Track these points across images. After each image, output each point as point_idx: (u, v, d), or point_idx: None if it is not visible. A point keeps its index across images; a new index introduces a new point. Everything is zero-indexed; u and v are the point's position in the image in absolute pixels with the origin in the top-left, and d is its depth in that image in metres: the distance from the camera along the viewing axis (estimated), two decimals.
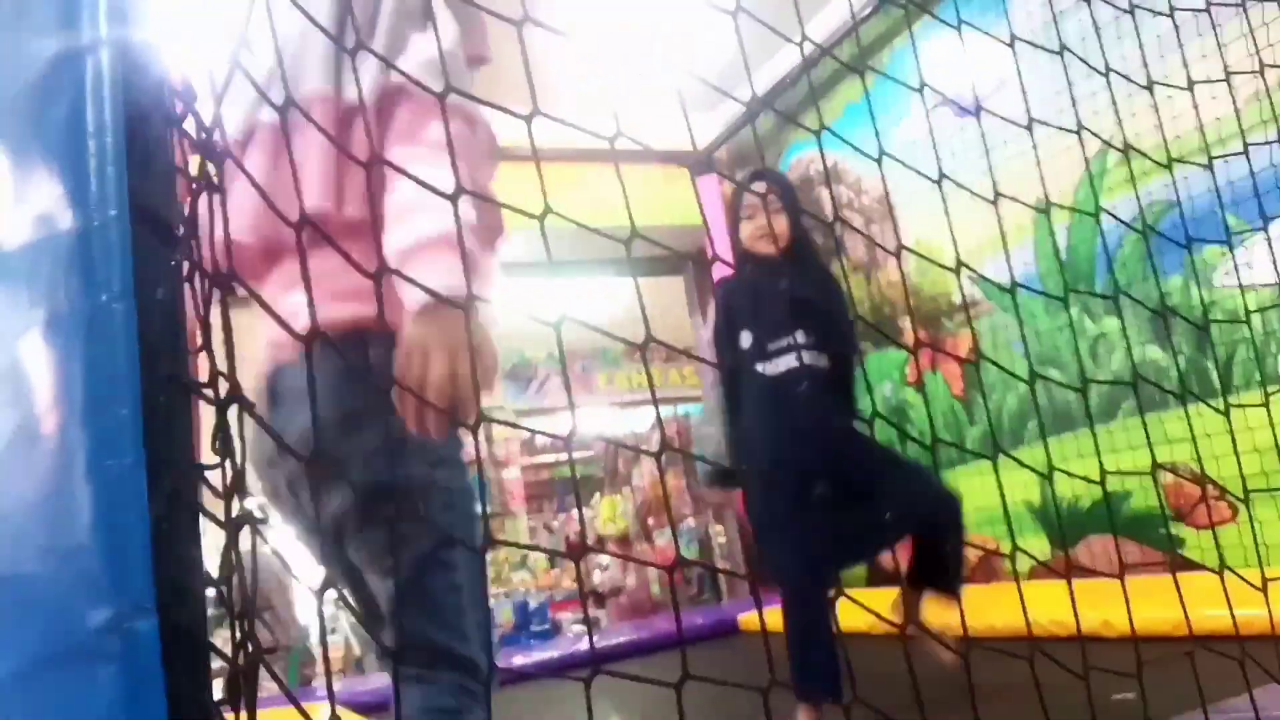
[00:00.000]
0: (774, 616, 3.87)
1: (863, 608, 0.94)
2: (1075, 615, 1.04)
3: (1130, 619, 1.00)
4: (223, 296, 0.70)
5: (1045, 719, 0.93)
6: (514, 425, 1.14)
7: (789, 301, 2.42)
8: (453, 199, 0.78)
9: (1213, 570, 1.00)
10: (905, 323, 4.93)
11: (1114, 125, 1.30)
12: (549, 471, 8.69)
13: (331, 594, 0.76)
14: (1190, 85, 1.18)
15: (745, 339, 2.49)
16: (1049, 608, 2.44)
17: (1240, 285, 3.17)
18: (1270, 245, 1.88)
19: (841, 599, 0.91)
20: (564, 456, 8.51)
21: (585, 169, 4.48)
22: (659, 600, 7.11)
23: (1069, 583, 1.02)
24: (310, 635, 6.82)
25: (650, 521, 7.52)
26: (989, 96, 4.00)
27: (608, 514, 7.59)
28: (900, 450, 2.61)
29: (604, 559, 7.69)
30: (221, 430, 0.71)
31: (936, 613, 2.25)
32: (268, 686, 0.76)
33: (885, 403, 4.95)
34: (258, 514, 0.69)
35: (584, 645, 4.74)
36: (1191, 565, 3.52)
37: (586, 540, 7.68)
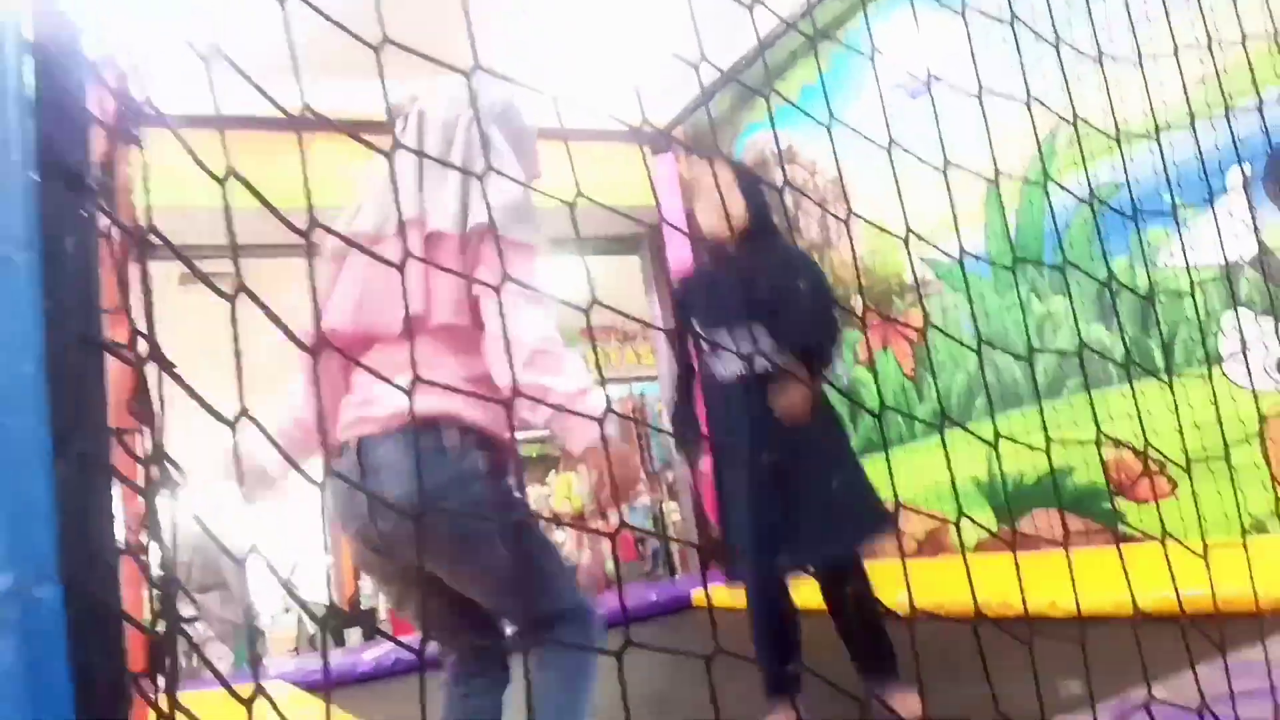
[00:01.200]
0: (721, 594, 3.90)
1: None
2: (1020, 587, 1.05)
3: (1075, 591, 1.00)
4: (141, 254, 0.67)
5: (991, 694, 0.94)
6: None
7: (745, 298, 2.22)
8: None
9: (1154, 538, 1.01)
10: (857, 302, 4.97)
11: (1063, 105, 1.30)
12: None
13: (281, 574, 0.74)
14: (1139, 59, 1.18)
15: (702, 340, 2.32)
16: (995, 583, 2.47)
17: (1186, 262, 3.23)
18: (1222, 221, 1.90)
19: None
20: (520, 435, 8.46)
21: (541, 145, 4.43)
22: (613, 577, 7.13)
23: (1015, 557, 1.03)
24: (262, 613, 6.75)
25: (604, 498, 7.51)
26: (941, 78, 3.99)
27: (563, 491, 7.58)
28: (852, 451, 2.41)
29: (559, 535, 7.68)
30: (140, 393, 0.68)
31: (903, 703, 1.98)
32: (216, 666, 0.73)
33: (838, 381, 4.99)
34: (177, 479, 0.66)
35: None
36: (1133, 539, 3.60)
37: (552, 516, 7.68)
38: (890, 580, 2.26)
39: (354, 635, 6.06)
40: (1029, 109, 1.00)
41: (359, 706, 2.71)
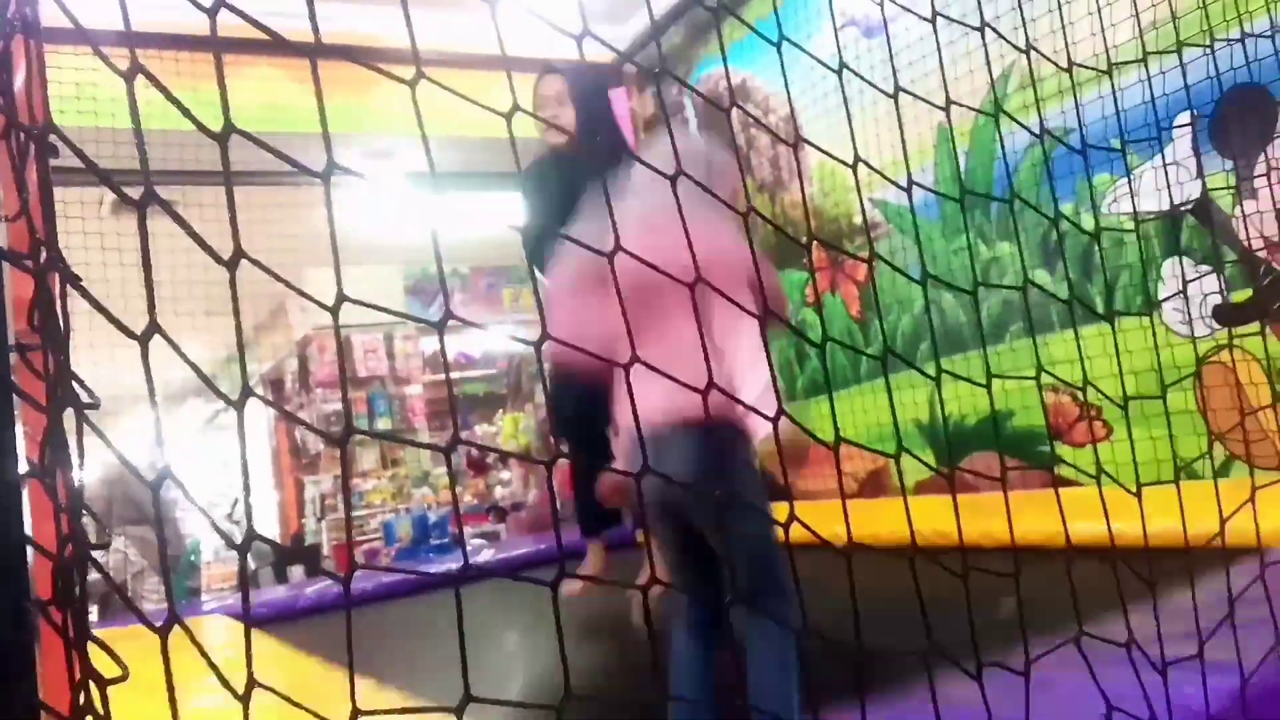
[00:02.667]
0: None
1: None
2: (957, 519, 1.05)
3: (1010, 525, 1.01)
4: (39, 152, 0.62)
5: (924, 622, 0.94)
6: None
7: (562, 198, 2.20)
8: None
9: (1090, 475, 1.02)
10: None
11: (1015, 43, 1.28)
12: (453, 389, 8.58)
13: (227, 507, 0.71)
14: None
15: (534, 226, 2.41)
16: (933, 520, 2.52)
17: (1135, 208, 3.27)
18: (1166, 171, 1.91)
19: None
20: (468, 374, 8.41)
21: (488, 78, 4.31)
22: (561, 516, 7.16)
23: (953, 491, 1.03)
24: (198, 547, 6.67)
25: (553, 439, 7.53)
26: (895, 17, 3.95)
27: (510, 430, 7.56)
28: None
29: (505, 474, 7.68)
30: (43, 305, 0.64)
31: None
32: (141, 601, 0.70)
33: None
34: (86, 398, 0.62)
35: (485, 556, 4.75)
36: (1069, 482, 3.70)
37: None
38: (830, 517, 2.29)
39: (297, 572, 6.04)
40: (983, 36, 0.98)
41: (298, 639, 2.70)
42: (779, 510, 0.91)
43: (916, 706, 1.06)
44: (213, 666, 0.64)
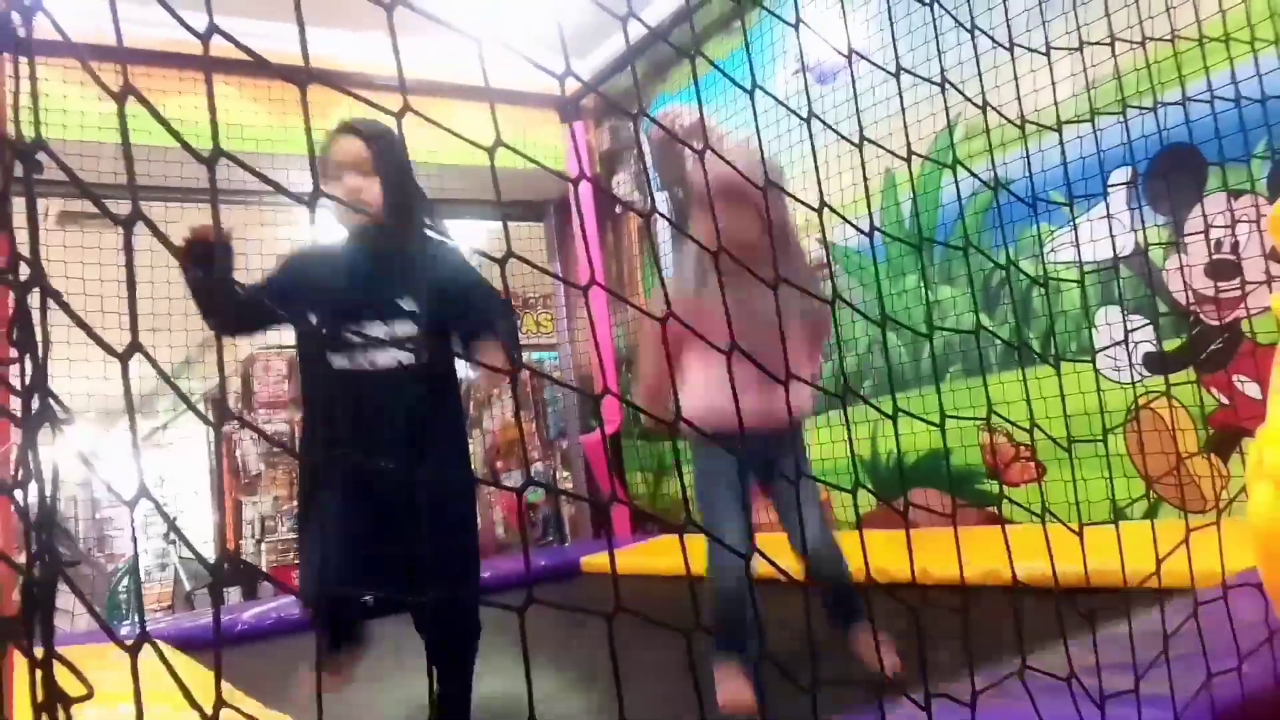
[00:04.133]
0: (624, 556, 3.95)
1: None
2: (910, 554, 1.08)
3: (960, 561, 1.04)
4: (26, 172, 0.62)
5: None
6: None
7: (368, 279, 1.97)
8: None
9: (1035, 514, 1.06)
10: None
11: (970, 95, 1.34)
12: None
13: (163, 527, 0.71)
14: (1048, 49, 1.23)
15: (313, 319, 2.03)
16: (880, 553, 2.56)
17: (1079, 255, 3.38)
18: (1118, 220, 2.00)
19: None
20: None
21: (450, 106, 4.33)
22: (503, 541, 7.10)
23: (907, 526, 1.06)
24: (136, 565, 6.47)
25: (499, 464, 7.47)
26: (845, 67, 4.07)
27: None
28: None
29: None
30: (21, 320, 0.64)
31: None
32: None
33: None
34: (60, 414, 0.62)
35: None
36: (1004, 520, 3.78)
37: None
38: (781, 550, 2.32)
39: (233, 595, 5.88)
40: (943, 90, 1.03)
41: (231, 666, 2.63)
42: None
43: None
44: (180, 685, 0.64)
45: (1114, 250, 2.91)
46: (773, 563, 0.87)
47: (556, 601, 0.74)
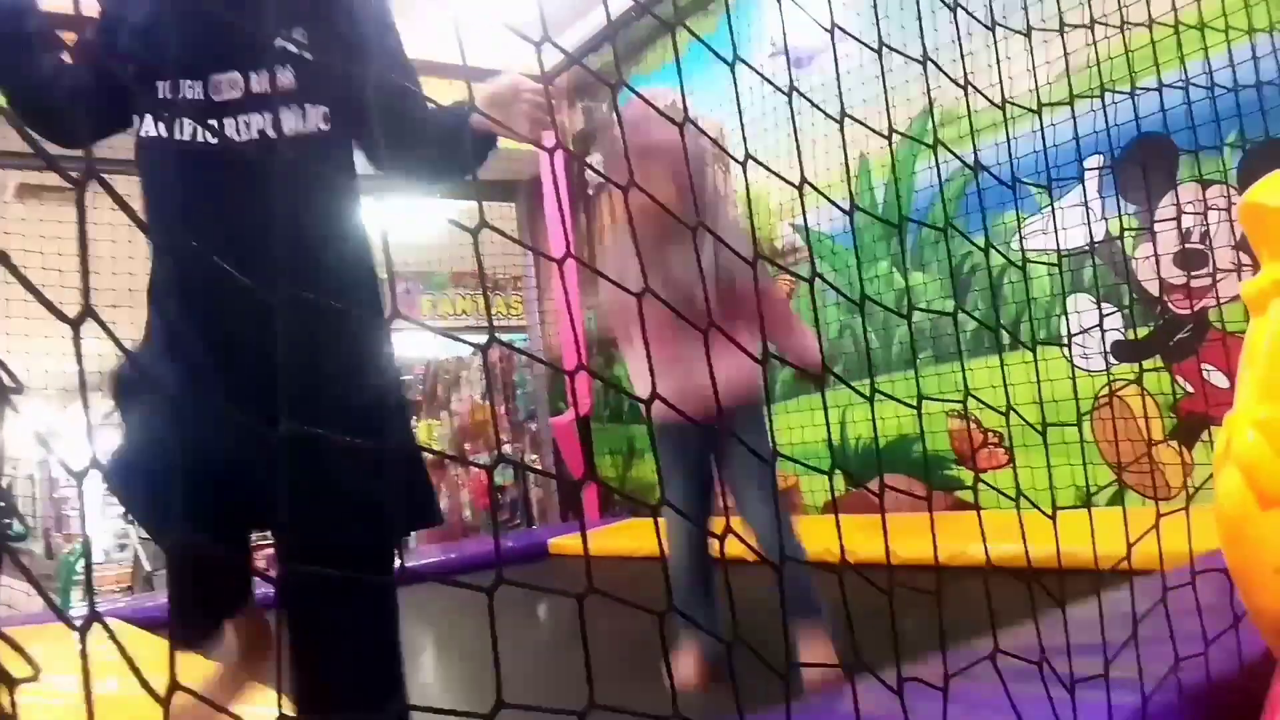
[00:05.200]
0: (592, 538, 3.92)
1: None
2: (885, 536, 1.08)
3: (935, 544, 1.04)
4: None
5: (849, 626, 0.96)
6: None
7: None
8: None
9: (1009, 497, 1.05)
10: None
11: (945, 83, 1.33)
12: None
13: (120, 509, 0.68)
14: (1028, 30, 1.22)
15: (149, 77, 1.29)
16: (848, 537, 2.56)
17: (1058, 243, 3.40)
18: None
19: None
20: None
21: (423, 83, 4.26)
22: (470, 524, 7.07)
23: (883, 509, 1.06)
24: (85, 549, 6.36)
25: (467, 446, 7.44)
26: (823, 50, 4.06)
27: (424, 437, 7.45)
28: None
29: None
30: None
31: None
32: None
33: None
34: (9, 382, 0.59)
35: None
36: (968, 505, 3.82)
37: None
38: (746, 532, 2.33)
39: None
40: (924, 69, 1.01)
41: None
42: (716, 524, 0.92)
43: (841, 717, 1.08)
44: (134, 670, 0.61)
45: (1090, 236, 2.92)
46: (746, 543, 0.86)
47: (526, 582, 0.72)
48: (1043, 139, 1.19)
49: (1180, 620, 1.17)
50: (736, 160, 0.87)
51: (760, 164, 0.89)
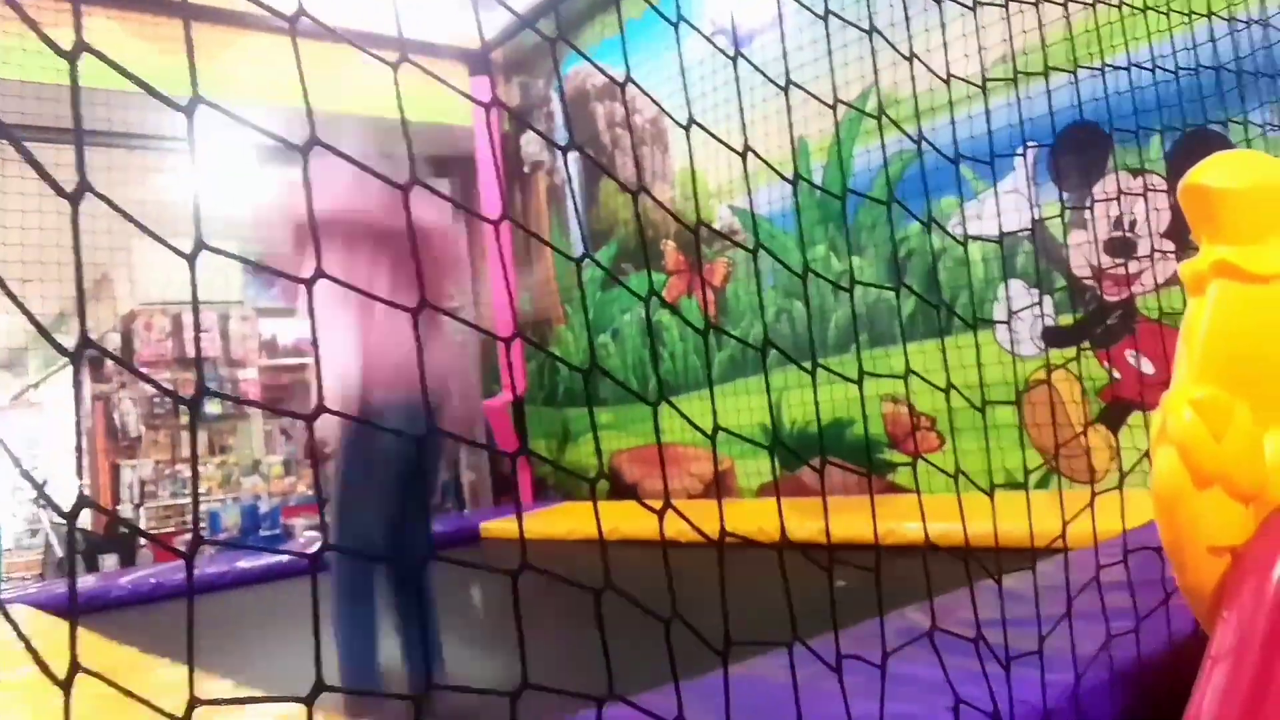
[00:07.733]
0: (525, 521, 3.88)
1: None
2: (825, 516, 1.06)
3: (874, 521, 1.03)
4: None
5: (789, 604, 0.95)
6: None
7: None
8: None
9: (948, 474, 1.05)
10: (668, 246, 5.02)
11: (885, 64, 1.31)
12: (288, 375, 8.17)
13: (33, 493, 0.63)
14: (975, 4, 1.21)
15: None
16: (772, 519, 2.57)
17: (1000, 225, 3.44)
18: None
19: None
20: (304, 360, 8.05)
21: (347, 55, 4.14)
22: None
23: (824, 490, 1.04)
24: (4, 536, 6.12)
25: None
26: (764, 29, 4.08)
27: None
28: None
29: None
30: None
31: None
32: None
33: (641, 324, 5.06)
34: None
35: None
36: (902, 488, 3.87)
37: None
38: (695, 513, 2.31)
39: (109, 561, 5.62)
40: (870, 40, 0.99)
41: (113, 631, 2.50)
42: (654, 502, 0.89)
43: (778, 694, 1.06)
44: (31, 651, 0.57)
45: (1032, 219, 2.96)
46: (688, 521, 0.84)
47: (459, 559, 0.69)
48: (987, 117, 1.18)
49: (1112, 594, 1.18)
50: (680, 125, 0.85)
51: (703, 128, 0.86)
